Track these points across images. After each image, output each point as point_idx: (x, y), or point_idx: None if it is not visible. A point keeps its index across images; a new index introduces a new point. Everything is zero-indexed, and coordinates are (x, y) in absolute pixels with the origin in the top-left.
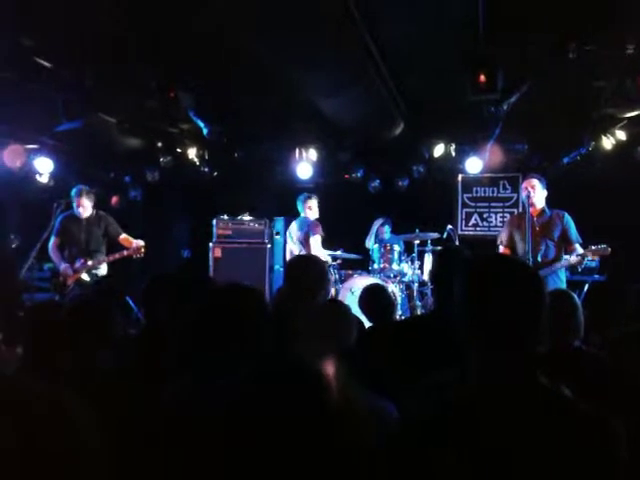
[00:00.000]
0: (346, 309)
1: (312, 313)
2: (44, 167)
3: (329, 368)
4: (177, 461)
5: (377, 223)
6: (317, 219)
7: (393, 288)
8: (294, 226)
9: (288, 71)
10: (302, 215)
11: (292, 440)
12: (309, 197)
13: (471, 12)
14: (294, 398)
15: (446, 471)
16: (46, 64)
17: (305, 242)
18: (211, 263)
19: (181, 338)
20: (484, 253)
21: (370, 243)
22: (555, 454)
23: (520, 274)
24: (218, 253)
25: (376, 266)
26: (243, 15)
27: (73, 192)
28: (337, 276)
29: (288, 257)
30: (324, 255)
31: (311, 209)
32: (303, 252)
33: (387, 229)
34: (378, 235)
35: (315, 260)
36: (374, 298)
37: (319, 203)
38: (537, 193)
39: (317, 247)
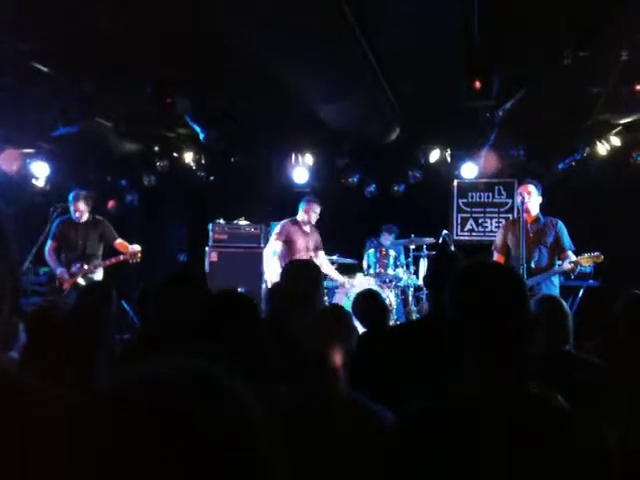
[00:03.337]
0: (347, 314)
1: (311, 318)
2: (40, 171)
3: (337, 359)
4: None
5: (385, 236)
6: (292, 220)
7: (389, 293)
8: None
9: (285, 77)
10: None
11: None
12: (310, 201)
13: (467, 19)
14: None
15: (442, 472)
16: (43, 68)
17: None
18: (207, 267)
19: (177, 344)
20: (471, 259)
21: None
22: (542, 457)
23: (503, 278)
24: (214, 257)
25: (372, 271)
26: (240, 20)
27: (70, 196)
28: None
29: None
30: (267, 264)
31: (307, 214)
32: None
33: (392, 237)
34: (381, 242)
35: (309, 265)
36: (368, 304)
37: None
38: (532, 198)
39: (266, 253)
